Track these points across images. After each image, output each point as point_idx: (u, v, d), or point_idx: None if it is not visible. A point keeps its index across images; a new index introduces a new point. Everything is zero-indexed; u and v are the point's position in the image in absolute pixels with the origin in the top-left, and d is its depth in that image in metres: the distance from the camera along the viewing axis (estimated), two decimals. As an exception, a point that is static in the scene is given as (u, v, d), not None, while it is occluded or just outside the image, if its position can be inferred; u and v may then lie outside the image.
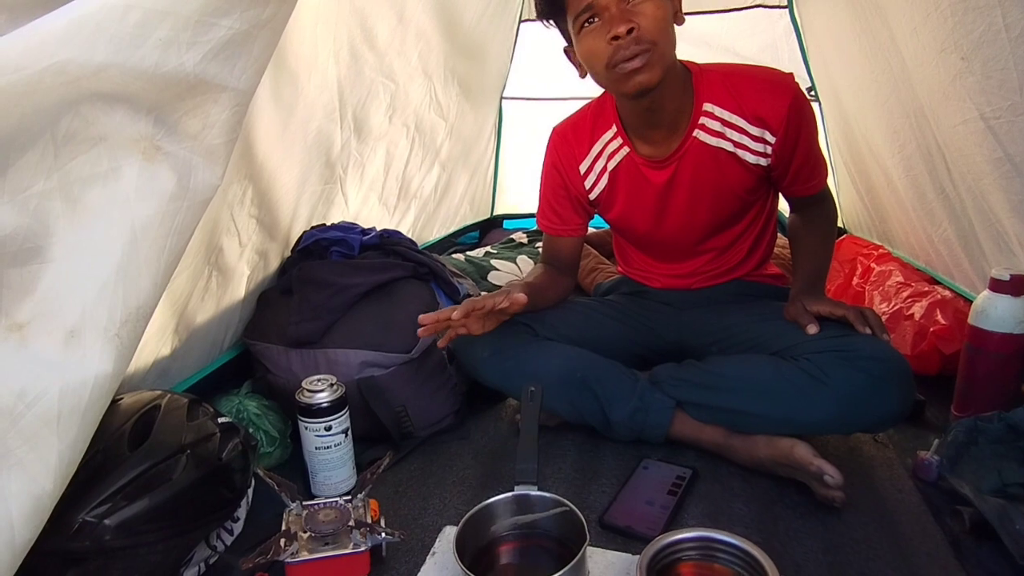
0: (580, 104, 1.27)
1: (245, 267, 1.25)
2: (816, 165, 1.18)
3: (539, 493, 0.86)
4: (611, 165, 1.20)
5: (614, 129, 1.18)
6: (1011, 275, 1.06)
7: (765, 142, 1.11)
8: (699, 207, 1.19)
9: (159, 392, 0.92)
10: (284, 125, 1.22)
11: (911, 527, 0.93)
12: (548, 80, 2.37)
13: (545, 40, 2.26)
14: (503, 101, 2.43)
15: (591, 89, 1.18)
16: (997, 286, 1.08)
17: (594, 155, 1.21)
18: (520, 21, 2.24)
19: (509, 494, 0.87)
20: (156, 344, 1.04)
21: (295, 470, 1.08)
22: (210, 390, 1.19)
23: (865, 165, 1.78)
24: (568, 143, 1.23)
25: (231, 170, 1.06)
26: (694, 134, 1.12)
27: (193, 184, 0.73)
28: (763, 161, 1.13)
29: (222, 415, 0.96)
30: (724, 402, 1.08)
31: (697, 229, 1.23)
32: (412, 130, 1.77)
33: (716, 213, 1.20)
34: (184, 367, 1.15)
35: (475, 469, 1.13)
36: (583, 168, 1.22)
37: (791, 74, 1.11)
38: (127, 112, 0.66)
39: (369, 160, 1.61)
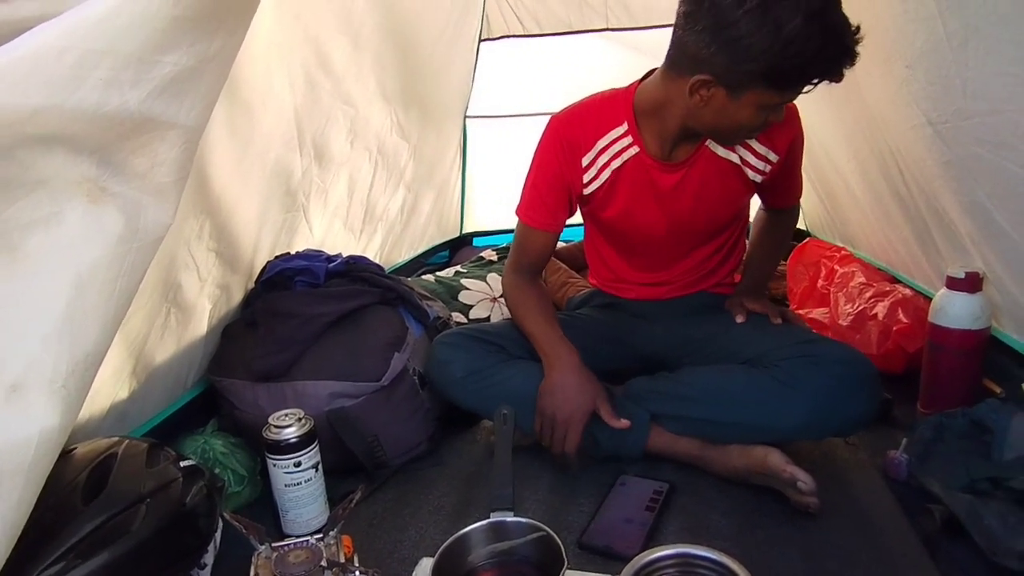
0: (543, 119, 1.25)
1: (206, 302, 1.22)
2: (795, 185, 1.29)
3: (515, 519, 0.85)
4: (615, 163, 1.17)
5: (625, 126, 1.15)
6: (966, 272, 1.09)
7: (768, 161, 1.16)
8: (699, 214, 1.21)
9: (116, 439, 0.89)
10: (240, 156, 1.20)
11: (886, 528, 0.94)
12: (511, 97, 2.39)
13: (505, 59, 2.31)
14: (467, 120, 2.43)
15: (553, 104, 1.20)
16: (953, 284, 1.10)
17: (598, 149, 1.17)
18: (480, 40, 2.26)
19: (485, 521, 0.85)
20: (112, 387, 1.00)
21: (266, 509, 1.05)
22: (174, 430, 1.15)
23: (824, 170, 1.82)
24: (573, 132, 1.18)
25: (186, 205, 1.04)
26: (707, 143, 1.15)
27: (143, 225, 0.71)
28: (759, 178, 1.18)
29: (185, 458, 0.93)
30: (698, 412, 1.08)
31: (691, 235, 1.25)
32: (375, 154, 1.75)
33: (712, 221, 1.23)
34: (144, 409, 1.12)
35: (451, 496, 1.11)
36: (585, 160, 1.18)
37: (795, 104, 1.14)
38: (68, 154, 0.64)
39: (332, 186, 1.59)
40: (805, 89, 0.97)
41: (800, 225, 2.06)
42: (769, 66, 0.91)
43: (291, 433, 0.99)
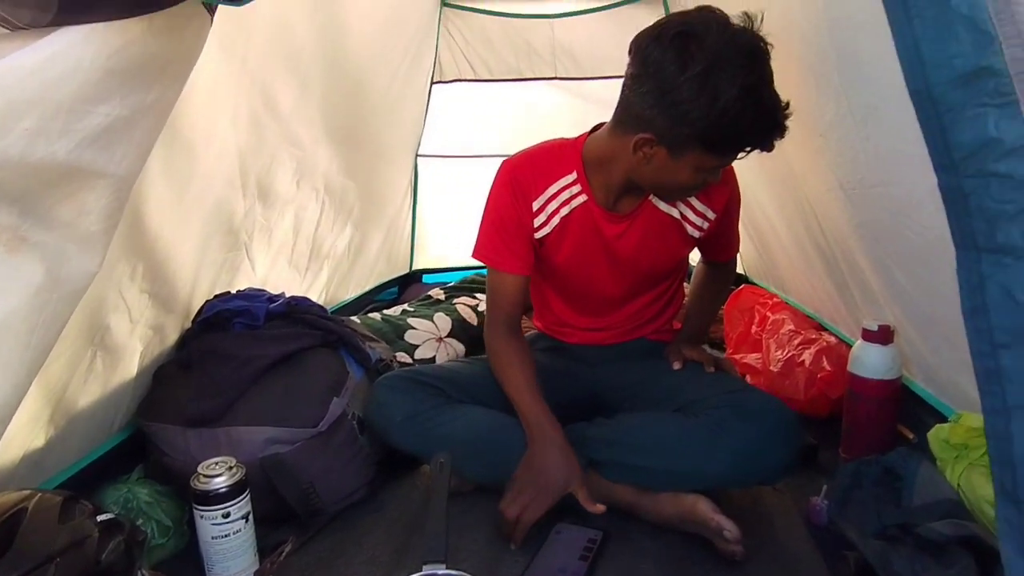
0: (494, 160, 1.28)
1: (137, 344, 1.18)
2: (732, 241, 1.36)
3: (447, 572, 0.84)
4: (564, 211, 1.20)
5: (575, 175, 1.19)
6: (879, 326, 1.16)
7: (706, 218, 1.22)
8: (640, 264, 1.25)
9: (28, 492, 0.84)
10: (179, 197, 1.18)
11: (806, 574, 0.97)
12: (462, 137, 2.44)
13: (457, 100, 2.36)
14: (419, 158, 2.46)
15: (503, 146, 1.23)
16: (868, 336, 1.17)
17: (548, 196, 1.20)
18: (432, 83, 2.31)
19: (416, 575, 0.84)
20: (26, 436, 0.95)
21: (191, 561, 1.01)
22: (98, 477, 1.10)
23: (758, 221, 1.92)
24: (524, 176, 1.20)
25: (117, 248, 1.01)
26: (650, 197, 1.20)
27: (65, 274, 0.69)
28: (698, 233, 1.24)
29: (103, 511, 0.89)
30: (632, 459, 1.10)
31: (633, 283, 1.29)
32: (322, 193, 1.75)
33: (653, 271, 1.28)
34: (63, 456, 1.06)
35: (387, 545, 1.10)
36: (536, 205, 1.20)
37: (732, 166, 1.21)
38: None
39: (276, 225, 1.58)
40: (739, 156, 1.04)
41: (739, 270, 2.16)
42: (705, 132, 0.97)
43: (221, 483, 0.97)
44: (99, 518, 0.85)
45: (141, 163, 0.76)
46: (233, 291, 1.42)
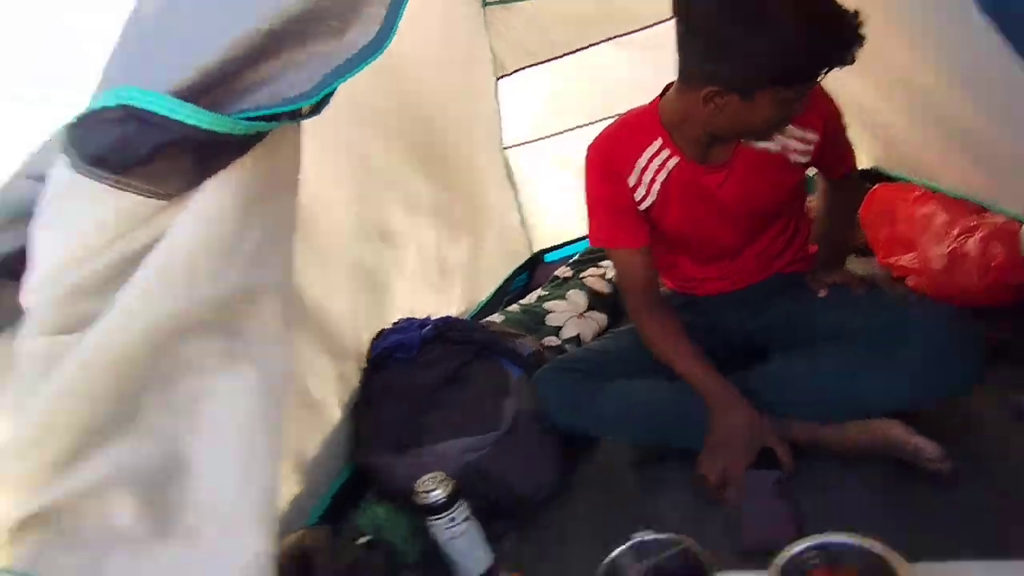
0: (581, 132, 1.29)
1: (332, 394, 1.37)
2: (845, 156, 1.27)
3: (654, 536, 0.89)
4: (661, 176, 1.20)
5: (660, 140, 1.18)
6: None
7: (807, 142, 1.17)
8: (751, 206, 1.22)
9: (302, 531, 1.05)
10: (322, 266, 1.35)
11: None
12: (543, 121, 2.45)
13: (526, 89, 2.34)
14: (507, 151, 2.50)
15: (586, 116, 1.15)
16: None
17: (640, 168, 1.20)
18: (497, 79, 2.33)
19: (626, 545, 0.89)
20: (286, 490, 1.16)
21: (432, 561, 1.13)
22: (343, 506, 1.28)
23: (873, 116, 1.67)
24: (612, 156, 1.22)
25: (295, 327, 1.19)
26: (743, 141, 1.17)
27: (271, 373, 0.83)
28: (804, 159, 1.19)
29: (360, 534, 1.11)
30: (802, 398, 1.10)
31: (748, 228, 1.26)
32: (432, 217, 1.88)
33: (764, 210, 1.25)
34: (312, 497, 1.25)
35: (591, 522, 1.17)
36: (632, 181, 1.21)
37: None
38: (200, 337, 0.76)
39: (403, 259, 1.72)
40: (819, 79, 0.98)
41: (868, 165, 1.97)
42: (772, 70, 0.94)
43: (439, 495, 1.08)
44: (358, 541, 1.04)
45: (291, 265, 0.87)
46: (389, 325, 1.58)
